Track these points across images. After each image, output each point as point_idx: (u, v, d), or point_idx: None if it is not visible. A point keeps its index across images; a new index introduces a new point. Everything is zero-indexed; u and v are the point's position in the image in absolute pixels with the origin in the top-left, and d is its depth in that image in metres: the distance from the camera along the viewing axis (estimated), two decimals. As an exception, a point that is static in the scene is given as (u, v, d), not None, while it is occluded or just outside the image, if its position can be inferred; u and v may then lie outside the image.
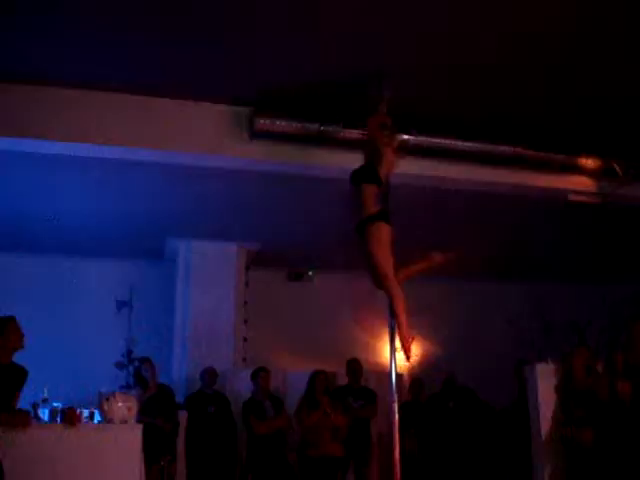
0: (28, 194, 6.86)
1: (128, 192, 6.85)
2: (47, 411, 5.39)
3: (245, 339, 8.63)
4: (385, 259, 4.91)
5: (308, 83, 5.47)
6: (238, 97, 5.75)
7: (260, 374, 7.49)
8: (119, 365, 8.01)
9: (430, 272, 5.32)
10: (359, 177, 5.21)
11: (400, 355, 4.99)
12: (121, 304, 8.72)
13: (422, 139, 6.09)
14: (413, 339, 4.89)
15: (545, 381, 6.32)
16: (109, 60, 5.10)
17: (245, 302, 8.79)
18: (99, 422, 5.47)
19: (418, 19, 4.62)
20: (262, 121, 5.74)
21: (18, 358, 5.19)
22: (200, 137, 5.85)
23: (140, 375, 7.15)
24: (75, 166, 6.12)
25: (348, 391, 7.82)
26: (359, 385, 7.96)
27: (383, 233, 4.95)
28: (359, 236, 5.12)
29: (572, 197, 6.90)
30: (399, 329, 4.88)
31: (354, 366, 8.00)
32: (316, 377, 7.48)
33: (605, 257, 9.43)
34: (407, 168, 5.91)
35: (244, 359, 8.50)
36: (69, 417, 5.29)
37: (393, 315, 4.95)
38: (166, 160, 6.00)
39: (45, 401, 5.44)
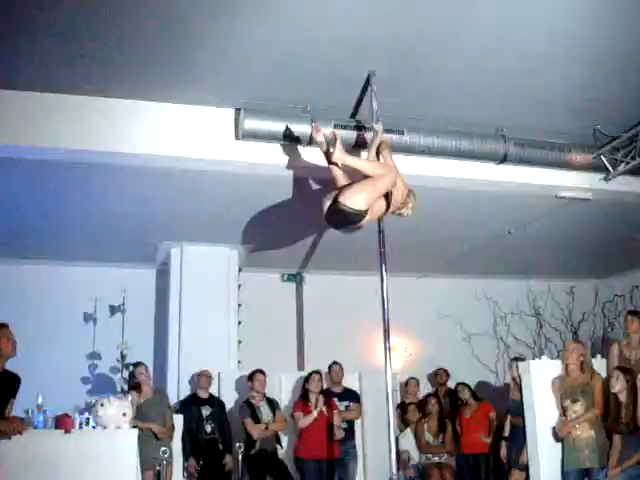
0: (16, 199, 6.82)
1: (119, 197, 6.82)
2: (41, 417, 5.35)
3: (239, 341, 8.61)
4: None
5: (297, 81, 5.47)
6: (227, 99, 5.74)
7: (256, 376, 7.47)
8: (113, 370, 7.98)
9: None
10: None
11: (395, 356, 5.01)
12: (114, 309, 8.70)
13: (413, 139, 6.10)
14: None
15: (540, 377, 6.33)
16: (101, 63, 5.07)
17: (239, 304, 8.77)
18: (93, 428, 5.45)
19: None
20: (251, 122, 5.73)
21: (12, 365, 5.17)
22: (190, 140, 5.83)
23: (134, 380, 7.12)
24: (65, 170, 6.08)
25: (331, 394, 7.80)
26: (341, 387, 7.97)
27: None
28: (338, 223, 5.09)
29: (562, 193, 6.92)
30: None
31: (334, 369, 8.00)
32: (311, 378, 7.47)
33: (598, 252, 9.44)
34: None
35: (238, 362, 8.48)
36: (63, 423, 5.27)
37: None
38: (156, 164, 5.97)
39: (39, 408, 5.40)
